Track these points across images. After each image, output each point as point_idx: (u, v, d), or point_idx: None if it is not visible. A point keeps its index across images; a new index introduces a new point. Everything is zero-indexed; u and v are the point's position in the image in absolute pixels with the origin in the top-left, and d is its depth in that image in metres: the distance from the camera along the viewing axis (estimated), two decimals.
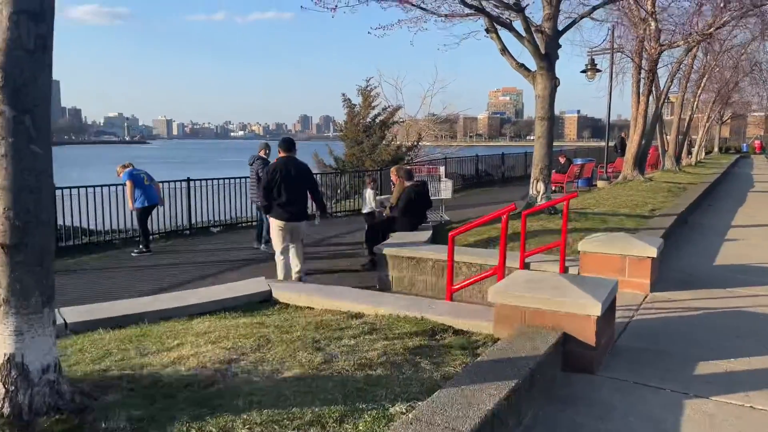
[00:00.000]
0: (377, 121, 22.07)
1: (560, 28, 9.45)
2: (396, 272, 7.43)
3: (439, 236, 9.09)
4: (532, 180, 9.61)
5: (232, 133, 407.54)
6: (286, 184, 7.04)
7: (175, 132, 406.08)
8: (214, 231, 12.49)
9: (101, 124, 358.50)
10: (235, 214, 12.92)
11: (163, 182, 11.38)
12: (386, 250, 7.46)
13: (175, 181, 11.89)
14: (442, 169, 13.20)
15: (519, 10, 8.77)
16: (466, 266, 6.98)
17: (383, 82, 23.03)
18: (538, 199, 9.43)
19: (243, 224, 12.68)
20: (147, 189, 10.07)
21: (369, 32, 10.35)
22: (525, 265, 6.45)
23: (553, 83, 9.29)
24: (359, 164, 20.87)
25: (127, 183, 9.87)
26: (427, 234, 8.84)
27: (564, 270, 6.33)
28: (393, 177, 9.74)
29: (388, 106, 22.58)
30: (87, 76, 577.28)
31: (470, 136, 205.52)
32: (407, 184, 9.34)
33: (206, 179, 12.46)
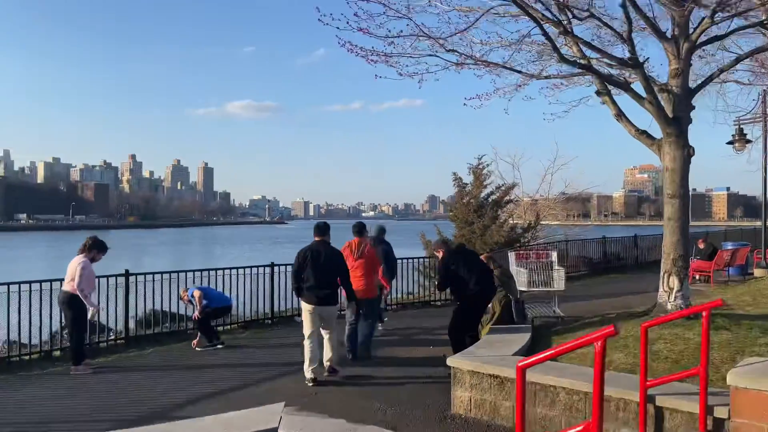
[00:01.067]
0: (490, 200, 20.60)
1: (693, 85, 7.70)
2: (476, 393, 5.82)
3: (543, 340, 7.36)
4: (662, 273, 7.63)
5: (363, 214, 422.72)
6: (315, 268, 7.11)
7: (311, 213, 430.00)
8: (298, 320, 11.53)
9: (246, 206, 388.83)
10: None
11: (251, 267, 10.96)
12: (458, 362, 5.93)
13: (258, 266, 11.22)
14: (553, 254, 11.35)
15: (636, 65, 7.20)
16: (565, 392, 5.24)
17: (499, 160, 21.51)
18: (671, 297, 7.40)
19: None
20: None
21: (465, 103, 9.22)
22: (648, 399, 4.61)
23: (686, 152, 7.46)
24: (469, 247, 19.35)
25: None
26: (525, 337, 7.16)
27: (706, 412, 4.39)
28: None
29: (502, 185, 21.08)
30: (236, 163, 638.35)
31: (605, 215, 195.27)
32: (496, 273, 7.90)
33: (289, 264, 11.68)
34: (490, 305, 7.80)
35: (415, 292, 14.66)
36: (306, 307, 7.21)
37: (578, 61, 7.35)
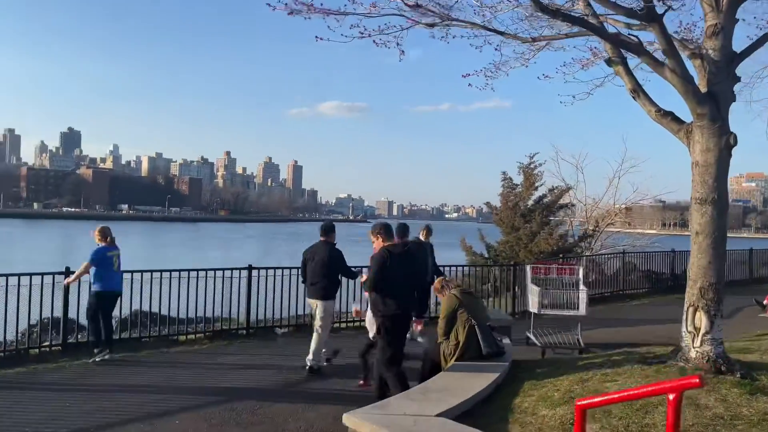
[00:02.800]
0: (542, 203, 18.40)
1: (737, 49, 5.58)
2: None
3: (514, 384, 5.60)
4: (685, 308, 5.58)
5: (446, 215, 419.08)
6: (312, 265, 7.68)
7: (394, 212, 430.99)
8: (278, 332, 10.21)
9: (332, 204, 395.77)
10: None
11: (226, 269, 9.78)
12: (355, 421, 4.32)
13: (234, 269, 9.97)
14: (580, 270, 9.32)
15: (652, 17, 5.22)
16: None
17: (560, 160, 19.15)
18: (695, 341, 5.37)
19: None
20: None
21: (469, 84, 7.56)
22: None
23: (724, 142, 5.40)
24: (513, 255, 17.31)
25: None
26: (484, 381, 5.42)
27: None
28: (437, 293, 6.54)
29: (555, 187, 18.78)
30: (325, 162, 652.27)
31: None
32: (453, 290, 6.19)
33: (270, 267, 10.36)
34: (452, 332, 6.08)
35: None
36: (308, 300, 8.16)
37: (570, 14, 5.47)
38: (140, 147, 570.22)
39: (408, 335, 8.07)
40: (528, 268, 9.36)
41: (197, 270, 9.51)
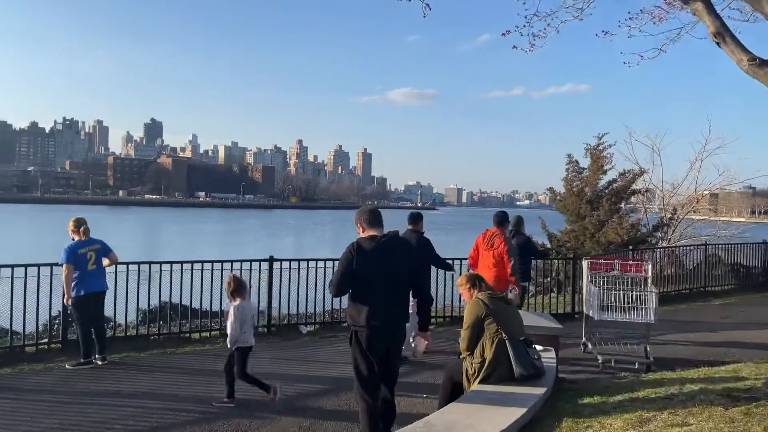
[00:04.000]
0: (611, 189, 16.55)
1: None
2: None
3: (552, 416, 4.36)
4: None
5: (518, 203, 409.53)
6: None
7: (464, 200, 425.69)
8: (303, 330, 9.29)
9: (401, 191, 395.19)
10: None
11: (245, 260, 8.92)
12: None
13: (254, 260, 9.09)
14: (648, 267, 7.77)
15: None
16: None
17: (634, 142, 17.19)
18: None
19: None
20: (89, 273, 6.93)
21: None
22: None
23: None
24: (578, 246, 15.66)
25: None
26: (512, 415, 4.21)
27: None
28: (462, 290, 5.22)
29: (627, 171, 16.83)
30: (394, 149, 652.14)
31: None
32: (479, 295, 4.93)
33: (294, 259, 9.40)
34: (477, 347, 4.87)
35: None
36: None
37: None
38: (217, 136, 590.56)
39: (410, 354, 6.84)
40: (585, 264, 7.90)
41: (212, 261, 8.70)
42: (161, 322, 8.62)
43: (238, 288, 5.84)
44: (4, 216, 71.65)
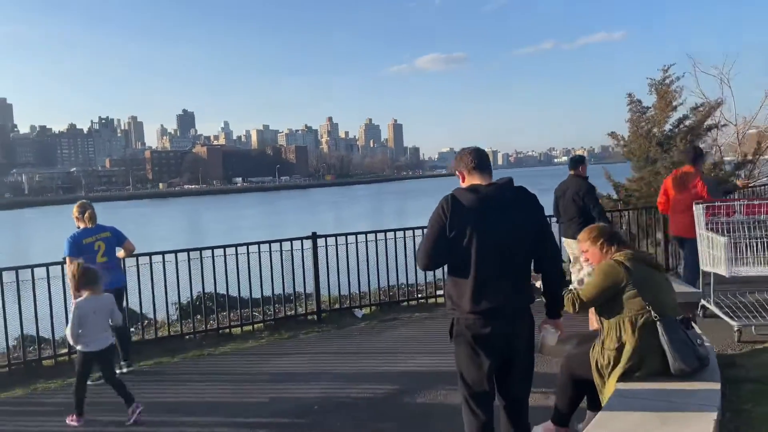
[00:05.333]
0: (683, 127, 14.70)
1: None
2: None
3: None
4: None
5: (555, 160, 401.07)
6: (564, 201, 7.22)
7: (500, 162, 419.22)
8: (359, 314, 8.08)
9: (435, 159, 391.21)
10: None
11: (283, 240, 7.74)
12: None
13: (294, 239, 7.89)
14: None
15: None
16: None
17: (699, 73, 15.13)
18: None
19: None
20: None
21: None
22: None
23: None
24: (649, 194, 13.94)
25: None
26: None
27: None
28: (589, 248, 3.81)
29: (699, 105, 14.90)
30: (425, 117, 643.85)
31: None
32: (617, 255, 3.55)
33: (340, 234, 8.14)
34: (612, 328, 3.52)
35: None
36: None
37: None
38: (248, 121, 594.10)
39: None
40: (700, 208, 6.38)
41: (247, 244, 7.54)
42: (197, 317, 7.54)
43: (83, 279, 4.58)
44: (57, 218, 72.99)
